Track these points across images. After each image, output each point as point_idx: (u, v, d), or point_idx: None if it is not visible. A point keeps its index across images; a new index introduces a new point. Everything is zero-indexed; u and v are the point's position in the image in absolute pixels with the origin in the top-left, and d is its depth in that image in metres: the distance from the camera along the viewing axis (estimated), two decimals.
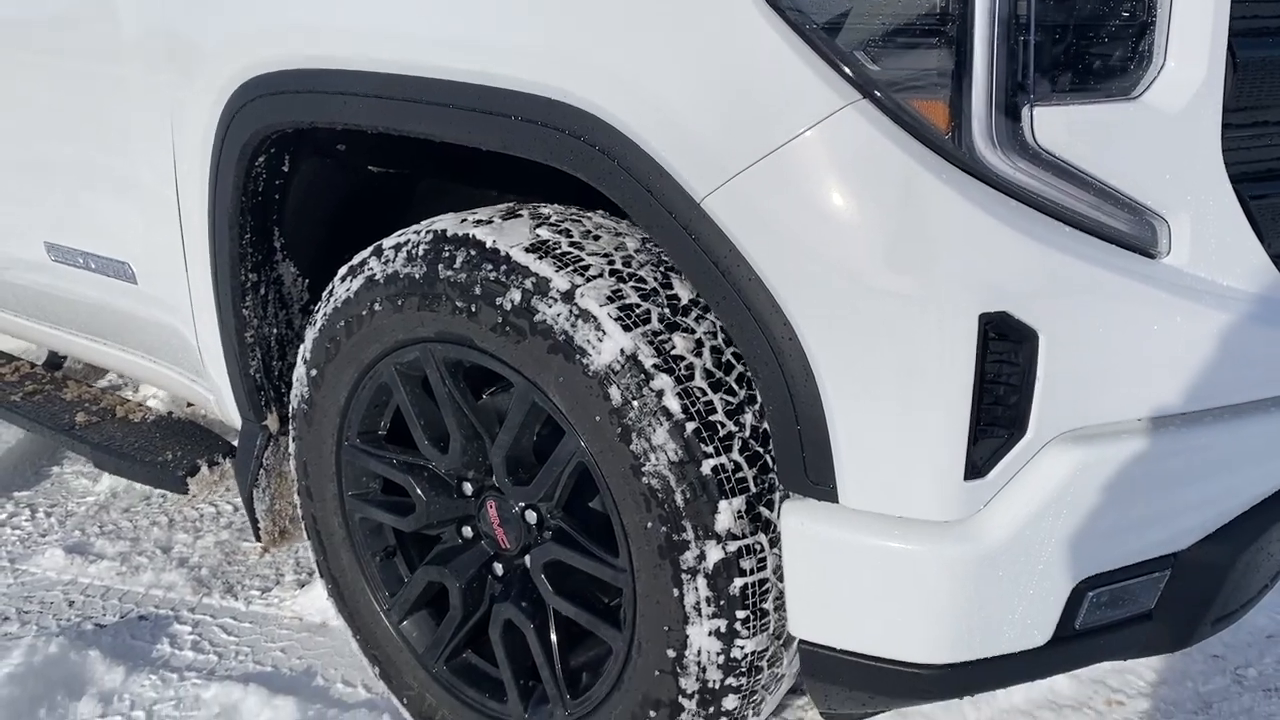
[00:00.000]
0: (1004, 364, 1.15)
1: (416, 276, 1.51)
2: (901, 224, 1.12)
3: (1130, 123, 1.15)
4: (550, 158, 1.32)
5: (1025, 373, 1.15)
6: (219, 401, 1.99)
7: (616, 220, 1.56)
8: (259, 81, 1.58)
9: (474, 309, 1.45)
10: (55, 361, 2.65)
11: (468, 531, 1.70)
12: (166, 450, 2.10)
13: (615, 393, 1.35)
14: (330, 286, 1.67)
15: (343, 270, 1.65)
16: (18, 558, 2.46)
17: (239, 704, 1.91)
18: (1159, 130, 1.15)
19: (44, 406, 2.29)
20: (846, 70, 1.12)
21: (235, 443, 2.17)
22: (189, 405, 2.55)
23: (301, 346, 1.74)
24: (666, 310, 1.40)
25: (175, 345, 2.04)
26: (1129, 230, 1.17)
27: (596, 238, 1.50)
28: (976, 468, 1.17)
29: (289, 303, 1.88)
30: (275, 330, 1.88)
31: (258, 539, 1.93)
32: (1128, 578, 1.28)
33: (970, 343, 1.12)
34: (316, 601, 2.24)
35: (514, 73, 1.30)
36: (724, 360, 1.39)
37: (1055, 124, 1.12)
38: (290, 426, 1.80)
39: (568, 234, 1.48)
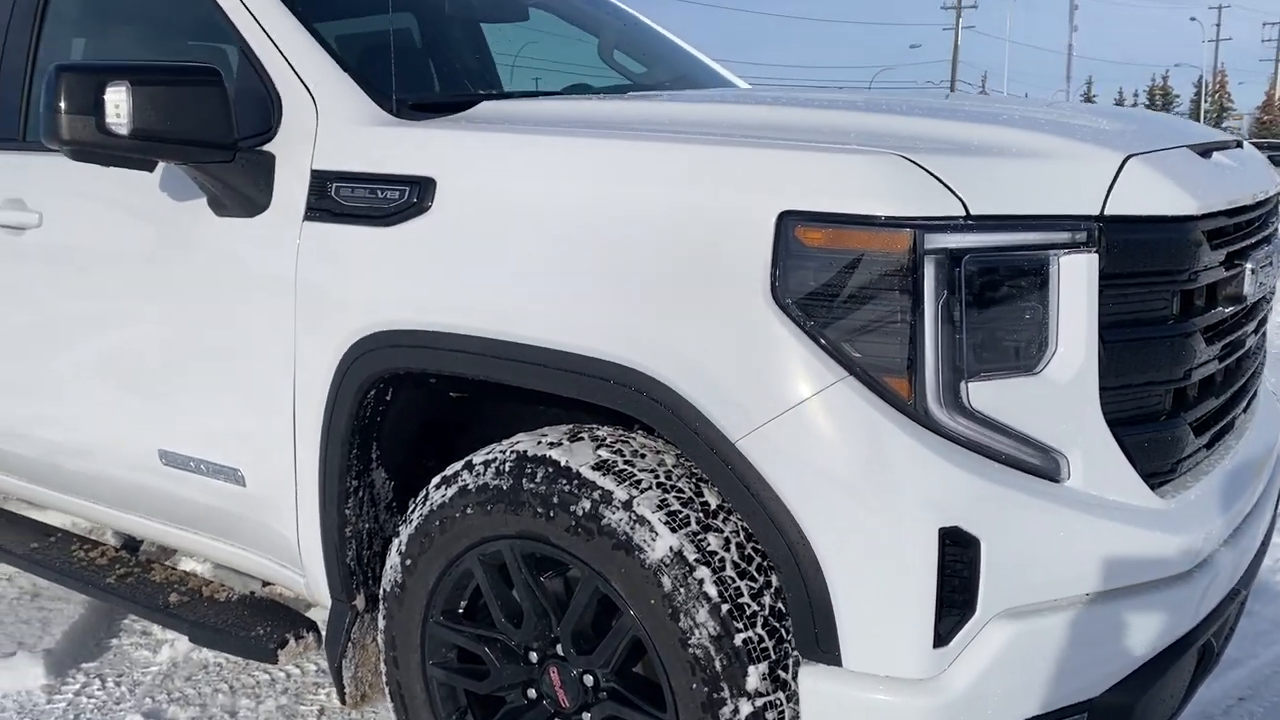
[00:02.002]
0: (957, 563, 1.60)
1: (504, 487, 1.95)
2: (881, 464, 1.59)
3: (1035, 390, 1.65)
4: (619, 405, 1.79)
5: (972, 569, 1.60)
6: (310, 585, 2.37)
7: (654, 439, 2.02)
8: (381, 335, 2.04)
9: (551, 514, 1.89)
10: (132, 544, 3.00)
11: (532, 693, 2.08)
12: (255, 625, 2.46)
13: (667, 581, 1.78)
14: (424, 492, 2.10)
15: (436, 479, 2.09)
16: None
17: None
18: (1055, 394, 1.65)
19: (138, 588, 2.64)
20: (838, 356, 1.61)
21: (311, 616, 2.55)
22: (265, 585, 2.91)
23: (396, 540, 2.15)
24: (701, 514, 1.85)
25: (270, 537, 2.43)
26: (1040, 464, 1.66)
27: (642, 456, 1.95)
28: (941, 638, 1.61)
29: (377, 502, 2.30)
30: (366, 525, 2.28)
31: (343, 702, 2.28)
32: (1056, 719, 1.71)
33: (933, 549, 1.58)
34: None
35: (593, 344, 1.78)
36: (746, 553, 1.84)
37: (984, 392, 1.62)
38: (381, 606, 2.19)
39: (621, 454, 1.94)
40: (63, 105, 2.09)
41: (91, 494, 2.86)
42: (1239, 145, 2.23)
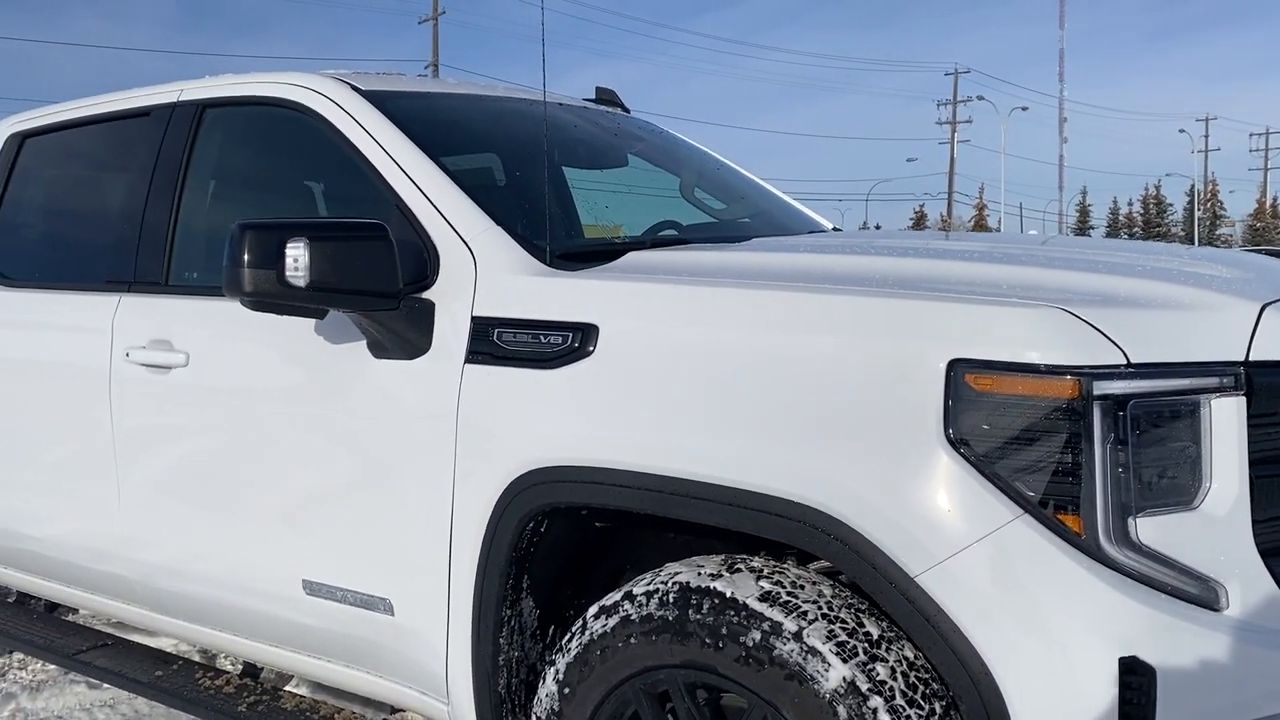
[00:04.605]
0: (1134, 691, 1.69)
1: (670, 618, 2.04)
2: (1060, 597, 1.70)
3: (1194, 524, 1.76)
4: (794, 540, 1.90)
5: (1149, 696, 1.69)
6: (455, 712, 2.43)
7: (806, 570, 2.12)
8: (546, 471, 2.16)
9: (720, 644, 1.98)
10: (252, 670, 3.05)
11: None
12: None
13: (842, 710, 1.86)
14: (582, 621, 2.19)
15: (594, 609, 2.18)
16: None
17: None
18: (1212, 527, 1.77)
19: (270, 717, 2.70)
20: (1013, 494, 1.73)
21: None
22: (393, 711, 2.96)
23: (552, 668, 2.22)
24: (867, 644, 1.93)
25: (411, 665, 2.50)
26: (1200, 594, 1.76)
27: (801, 587, 2.05)
28: None
29: (525, 629, 2.38)
30: (516, 653, 2.36)
31: None
32: None
33: (1113, 677, 1.67)
34: None
35: (769, 482, 1.90)
36: (910, 682, 1.92)
37: (1148, 527, 1.74)
38: None
39: (781, 585, 2.03)
40: (246, 259, 2.26)
41: (219, 621, 2.93)
42: None
